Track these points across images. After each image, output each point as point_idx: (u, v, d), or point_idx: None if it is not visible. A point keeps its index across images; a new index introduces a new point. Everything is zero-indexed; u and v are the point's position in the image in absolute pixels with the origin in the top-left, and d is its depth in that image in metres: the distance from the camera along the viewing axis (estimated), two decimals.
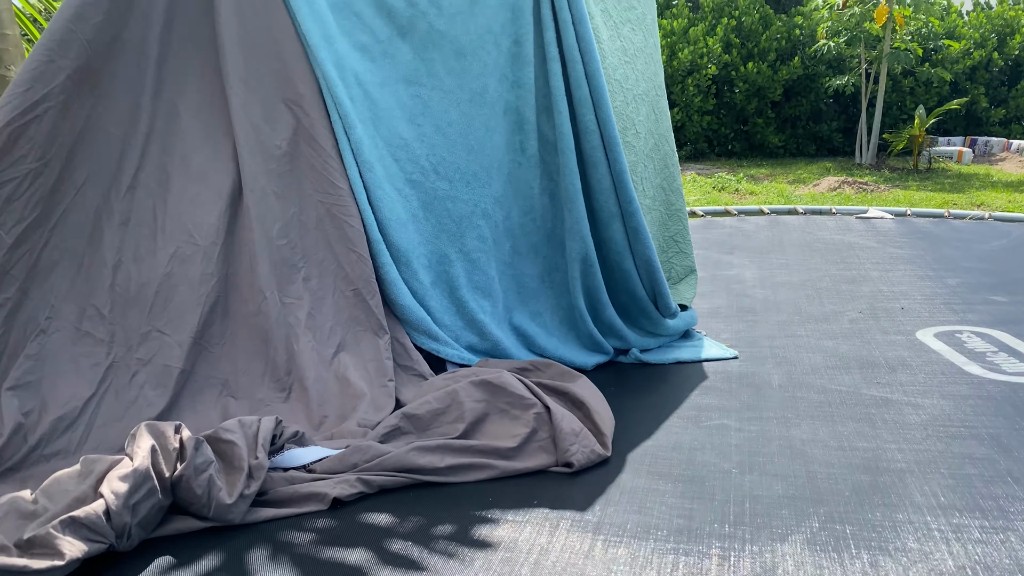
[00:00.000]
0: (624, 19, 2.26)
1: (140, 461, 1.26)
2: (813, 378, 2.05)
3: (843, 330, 2.45)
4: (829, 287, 2.96)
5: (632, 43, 2.27)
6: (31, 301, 1.66)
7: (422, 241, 2.00)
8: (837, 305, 2.73)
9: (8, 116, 1.57)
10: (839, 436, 1.70)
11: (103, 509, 1.20)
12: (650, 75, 2.37)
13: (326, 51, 1.86)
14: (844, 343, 2.32)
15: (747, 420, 1.79)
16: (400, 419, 1.60)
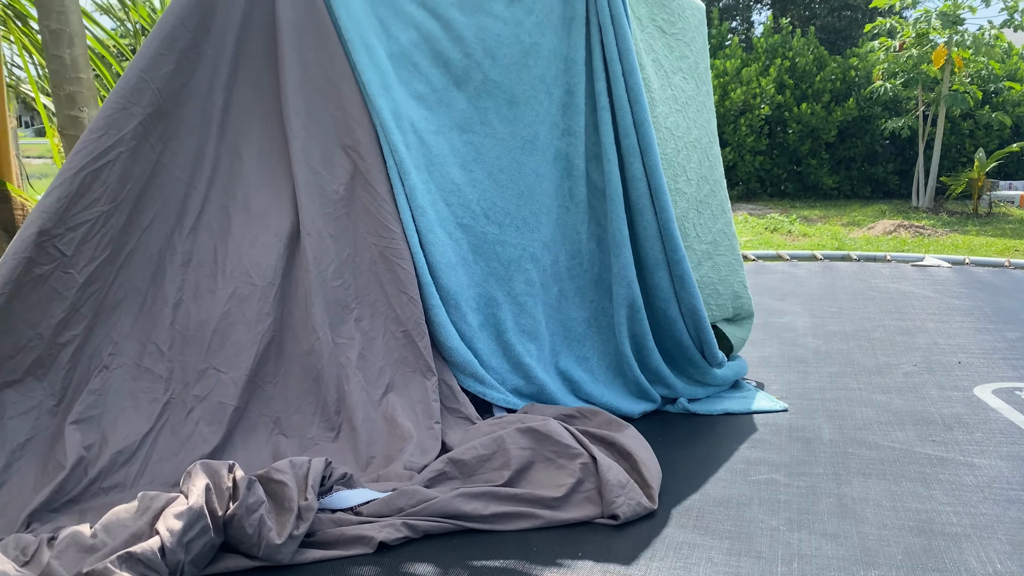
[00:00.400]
0: (676, 68, 2.28)
1: (195, 499, 1.30)
2: (865, 433, 2.01)
3: (897, 384, 2.40)
4: (883, 338, 2.91)
5: (683, 91, 2.29)
6: (96, 337, 1.72)
7: (471, 284, 2.02)
8: (891, 357, 2.67)
9: (83, 161, 1.64)
10: (892, 495, 1.66)
11: (158, 546, 1.23)
12: (702, 122, 2.39)
13: (384, 99, 1.91)
14: (898, 397, 2.28)
15: (797, 475, 1.77)
16: (446, 464, 1.61)
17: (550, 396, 2.07)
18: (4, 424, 1.56)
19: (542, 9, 2.01)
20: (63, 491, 1.54)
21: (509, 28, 2.00)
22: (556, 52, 2.04)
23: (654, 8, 2.25)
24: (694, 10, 2.39)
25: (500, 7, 2.00)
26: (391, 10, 1.97)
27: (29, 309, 1.60)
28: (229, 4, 1.89)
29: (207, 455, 1.72)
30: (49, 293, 1.62)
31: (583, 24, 2.04)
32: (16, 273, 1.56)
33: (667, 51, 2.26)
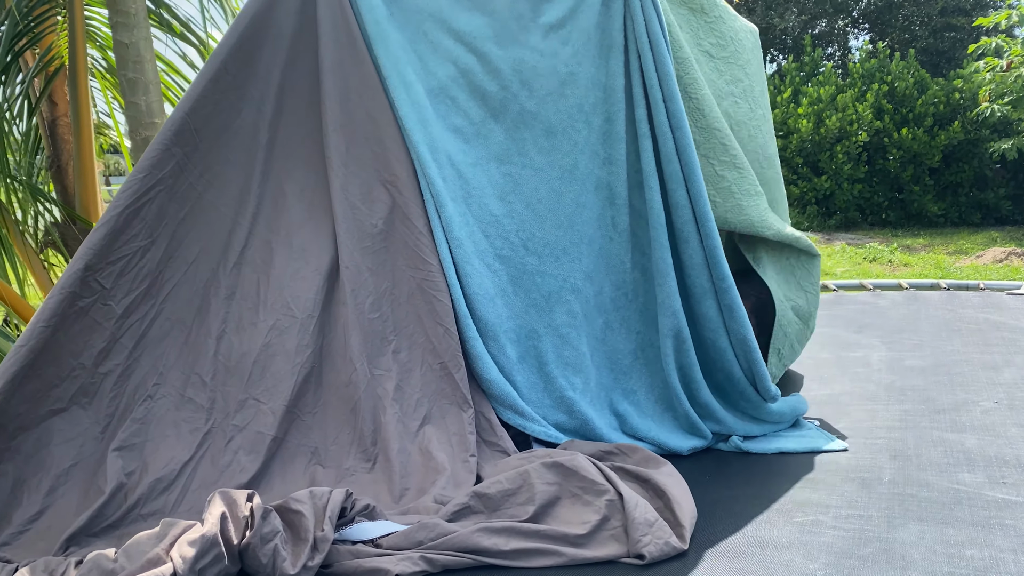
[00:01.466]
0: (726, 92, 2.23)
1: (209, 527, 1.32)
2: (929, 474, 1.87)
3: (973, 422, 2.23)
4: (965, 373, 2.72)
5: (732, 116, 2.22)
6: (142, 368, 1.79)
7: (510, 316, 2.01)
8: (971, 394, 2.50)
9: (128, 200, 1.73)
10: (947, 541, 1.54)
11: (171, 572, 1.26)
12: (755, 147, 2.31)
13: (420, 134, 1.94)
14: (972, 437, 2.12)
15: (845, 518, 1.66)
16: (471, 498, 1.59)
17: (594, 430, 2.02)
18: (50, 450, 1.64)
19: (578, 39, 2.01)
20: (102, 516, 1.60)
21: (546, 59, 2.00)
22: (594, 81, 2.03)
23: (700, 32, 2.21)
24: (747, 33, 2.33)
25: (536, 39, 2.01)
26: (430, 47, 2.01)
27: (72, 340, 1.68)
28: (275, 49, 1.96)
29: (244, 484, 1.76)
30: (90, 324, 1.71)
31: (622, 52, 2.02)
32: (61, 307, 1.64)
33: (715, 75, 2.21)
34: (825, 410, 2.44)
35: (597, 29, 2.02)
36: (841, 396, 2.56)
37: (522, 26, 2.00)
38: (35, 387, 1.63)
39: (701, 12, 2.21)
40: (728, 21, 2.26)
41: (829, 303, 3.96)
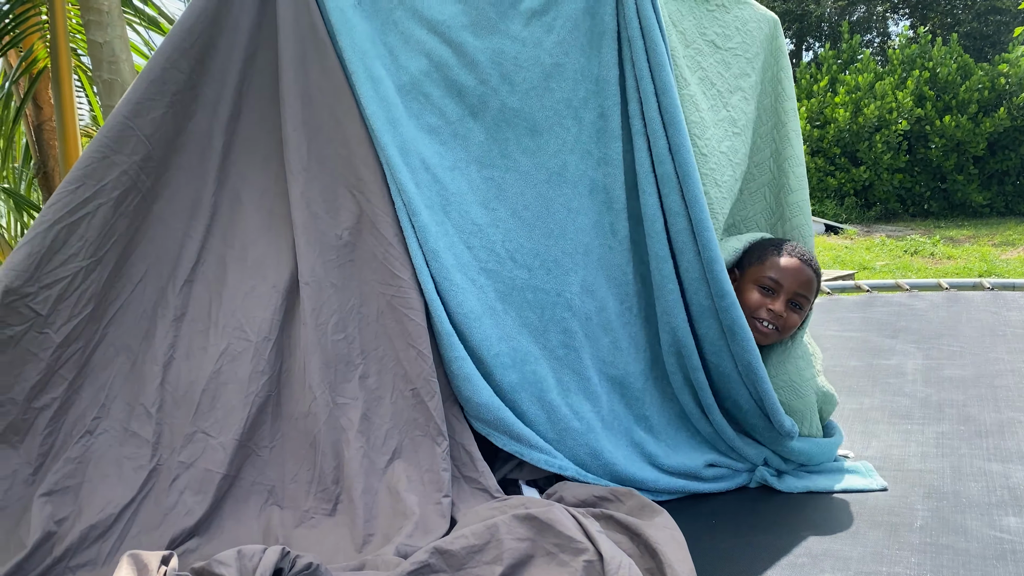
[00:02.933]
0: (734, 87, 1.98)
1: None
2: (968, 518, 1.63)
3: (1020, 448, 1.98)
4: (1010, 386, 2.46)
5: (744, 113, 1.98)
6: (82, 400, 1.62)
7: (501, 337, 1.79)
8: (1017, 411, 2.24)
9: (57, 215, 1.55)
10: None
11: None
12: (763, 145, 2.07)
13: (390, 135, 1.74)
14: (1020, 468, 1.87)
15: (866, 574, 1.43)
16: (431, 555, 1.39)
17: (610, 465, 1.79)
18: None
19: (563, 26, 1.79)
20: (22, 571, 1.42)
21: (528, 49, 1.79)
22: (584, 72, 1.81)
23: (704, 21, 1.97)
24: (760, 22, 2.08)
25: (517, 27, 1.79)
26: (400, 38, 1.81)
27: (0, 373, 1.51)
28: (231, 43, 1.78)
29: (190, 528, 1.58)
30: (22, 355, 1.54)
31: (614, 40, 1.80)
32: None
33: (722, 68, 1.97)
34: (854, 428, 2.20)
35: (586, 14, 1.80)
36: (871, 412, 2.33)
37: (501, 13, 1.79)
38: None
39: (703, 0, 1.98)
40: (733, 10, 2.02)
41: (862, 305, 3.69)
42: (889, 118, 13.69)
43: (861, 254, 10.99)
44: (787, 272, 1.87)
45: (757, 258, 1.92)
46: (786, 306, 1.88)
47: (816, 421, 1.93)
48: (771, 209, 2.08)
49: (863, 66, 14.66)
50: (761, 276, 1.89)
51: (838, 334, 3.24)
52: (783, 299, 1.88)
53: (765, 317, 1.88)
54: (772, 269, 1.88)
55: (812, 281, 1.90)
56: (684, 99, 1.84)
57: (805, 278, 1.88)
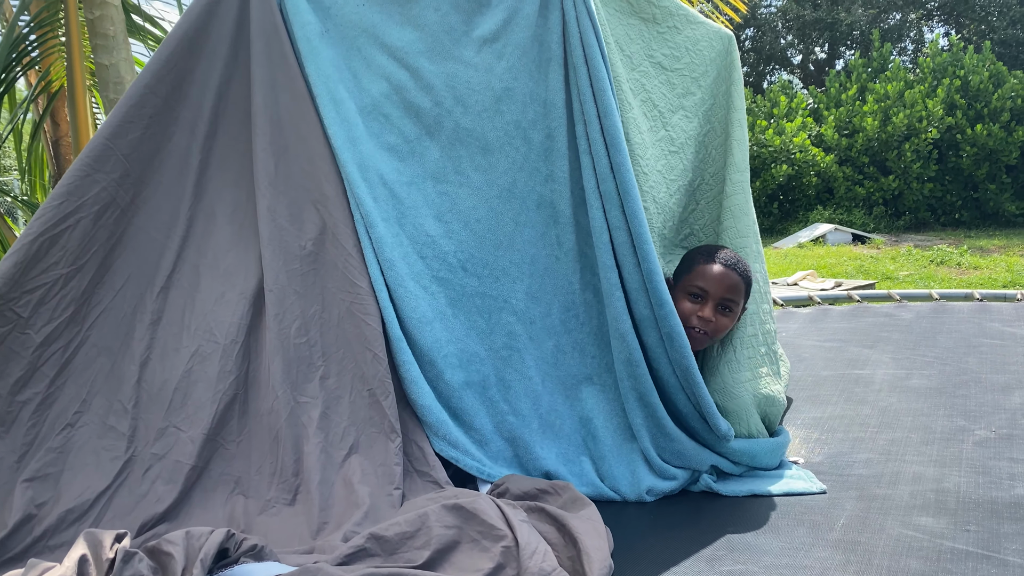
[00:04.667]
0: (676, 106, 2.09)
1: (63, 571, 1.28)
2: (889, 519, 1.71)
3: (961, 455, 2.05)
4: (971, 396, 2.52)
5: (684, 131, 2.09)
6: (65, 396, 1.78)
7: (451, 340, 1.93)
8: (970, 420, 2.30)
9: (41, 228, 1.72)
10: None
11: None
12: (699, 161, 2.18)
13: (349, 152, 1.88)
14: (953, 472, 1.94)
15: (777, 567, 1.52)
16: (367, 540, 1.52)
17: (537, 461, 1.93)
18: None
19: (513, 53, 1.92)
20: (4, 549, 1.58)
21: (480, 74, 1.92)
22: (533, 95, 1.93)
23: (653, 43, 2.08)
24: (711, 39, 2.19)
25: (470, 53, 1.92)
26: (364, 63, 1.95)
27: None
28: (208, 69, 1.93)
29: (160, 514, 1.72)
30: (6, 353, 1.70)
31: (561, 65, 1.92)
32: None
33: (666, 89, 2.08)
34: (810, 435, 2.28)
35: (534, 42, 1.92)
36: (830, 420, 2.40)
37: (454, 40, 1.92)
38: None
39: (653, 22, 2.09)
40: (684, 31, 2.13)
41: (848, 315, 3.75)
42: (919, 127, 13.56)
43: (886, 264, 10.89)
44: (713, 279, 1.98)
45: (686, 267, 2.03)
46: (715, 311, 1.98)
47: (755, 422, 2.01)
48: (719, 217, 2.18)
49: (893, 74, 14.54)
50: (690, 284, 2.00)
51: (819, 344, 3.31)
52: (711, 305, 1.98)
53: (696, 324, 1.98)
54: (699, 277, 1.99)
55: (739, 285, 1.99)
56: (627, 121, 1.95)
57: (731, 283, 1.98)
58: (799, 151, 14.51)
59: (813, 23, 18.55)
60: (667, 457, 1.97)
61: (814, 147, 14.68)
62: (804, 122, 15.00)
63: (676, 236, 2.19)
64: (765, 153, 14.77)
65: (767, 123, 15.26)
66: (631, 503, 1.91)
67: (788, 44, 20.74)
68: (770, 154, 14.64)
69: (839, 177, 14.50)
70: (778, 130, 14.92)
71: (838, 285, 8.70)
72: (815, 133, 15.03)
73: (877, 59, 15.48)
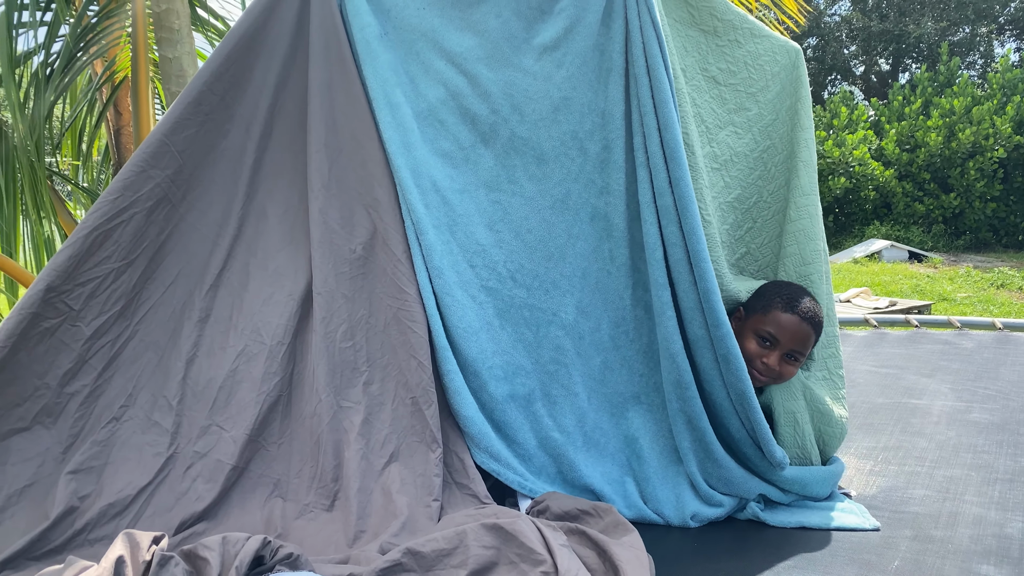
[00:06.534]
0: (725, 122, 2.03)
1: (100, 572, 1.28)
2: (947, 563, 1.63)
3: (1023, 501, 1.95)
4: None
5: (729, 148, 2.04)
6: (112, 389, 1.78)
7: (497, 351, 1.89)
8: None
9: (96, 222, 1.72)
10: None
11: None
12: (754, 179, 2.11)
13: (403, 158, 1.86)
14: (1017, 517, 1.85)
15: None
16: (403, 554, 1.49)
17: (582, 478, 1.88)
18: (6, 469, 1.65)
19: (573, 62, 1.87)
20: (46, 540, 1.59)
21: (538, 83, 1.88)
22: (591, 106, 1.89)
23: (710, 56, 2.02)
24: (775, 53, 2.12)
25: (529, 61, 1.88)
26: (421, 67, 1.92)
27: (36, 360, 1.69)
28: (266, 69, 1.93)
29: (199, 513, 1.72)
30: (56, 345, 1.71)
31: (622, 76, 1.87)
32: (21, 327, 1.65)
33: (716, 104, 2.02)
34: (863, 466, 2.20)
35: (595, 51, 1.88)
36: (885, 451, 2.31)
37: (514, 47, 1.89)
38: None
39: (714, 34, 2.03)
40: (746, 45, 2.06)
41: (906, 341, 3.62)
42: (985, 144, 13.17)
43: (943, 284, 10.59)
44: (786, 329, 1.91)
45: (762, 307, 1.96)
46: (780, 360, 1.92)
47: (808, 432, 1.94)
48: (742, 224, 2.12)
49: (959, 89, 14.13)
50: (761, 327, 1.94)
51: (874, 370, 3.20)
52: (779, 354, 1.92)
53: (759, 367, 1.92)
54: (772, 324, 1.92)
55: (810, 337, 1.93)
56: (686, 136, 1.89)
57: (803, 336, 1.92)
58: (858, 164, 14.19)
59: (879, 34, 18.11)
60: (713, 483, 1.92)
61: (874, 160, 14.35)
62: (865, 135, 14.67)
63: (731, 255, 2.12)
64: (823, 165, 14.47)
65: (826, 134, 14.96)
66: (674, 528, 1.85)
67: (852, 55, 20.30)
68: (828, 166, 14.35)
69: (898, 192, 14.15)
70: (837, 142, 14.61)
71: (892, 304, 8.47)
72: (875, 146, 14.68)
73: (944, 73, 15.07)
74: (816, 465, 2.00)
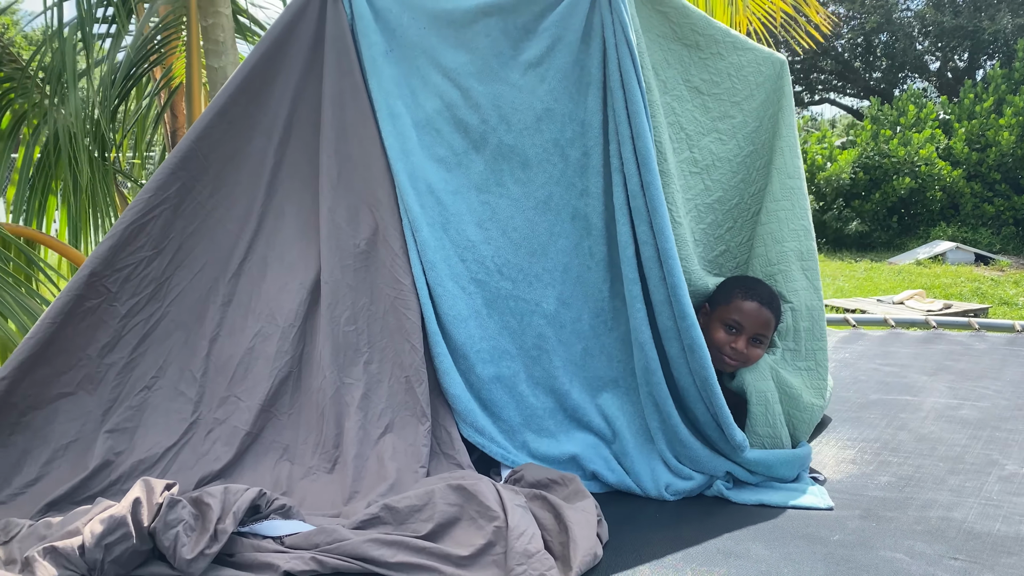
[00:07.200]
0: (709, 129, 2.19)
1: (118, 510, 1.53)
2: (883, 540, 1.76)
3: (980, 488, 2.06)
4: (1016, 430, 2.48)
5: (711, 153, 2.20)
6: (145, 362, 2.05)
7: (484, 337, 2.10)
8: (1004, 455, 2.28)
9: (132, 217, 1.99)
10: None
11: (79, 544, 1.47)
12: (736, 182, 2.27)
13: (402, 162, 2.08)
14: (967, 504, 1.96)
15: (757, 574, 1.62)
16: (381, 509, 1.71)
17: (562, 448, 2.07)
18: (54, 427, 1.93)
19: (555, 76, 2.06)
20: (85, 488, 1.86)
21: (523, 95, 2.07)
22: (571, 116, 2.07)
23: (692, 68, 2.18)
24: (760, 64, 2.27)
25: (515, 76, 2.08)
26: (421, 81, 2.14)
27: (80, 334, 1.96)
28: (285, 83, 2.17)
29: (216, 472, 1.97)
30: (96, 322, 1.98)
31: (600, 89, 2.05)
32: (68, 306, 1.93)
33: (699, 112, 2.18)
34: (843, 455, 2.32)
35: (575, 66, 2.06)
36: (865, 443, 2.43)
37: (502, 63, 2.08)
38: (45, 373, 1.93)
39: (696, 48, 2.19)
40: (729, 57, 2.22)
41: (920, 341, 3.68)
42: None
43: (1007, 288, 10.33)
44: (748, 315, 2.13)
45: (725, 297, 2.16)
46: (747, 343, 2.12)
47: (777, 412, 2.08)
48: (722, 223, 2.28)
49: None
50: (727, 316, 2.16)
51: (878, 367, 3.29)
52: (745, 338, 2.14)
53: (728, 353, 2.12)
54: (736, 311, 2.14)
55: (771, 321, 2.17)
56: (659, 144, 2.06)
57: (764, 320, 2.14)
58: (924, 164, 13.87)
59: (953, 30, 17.61)
60: (683, 461, 2.08)
61: (941, 160, 14.00)
62: (932, 133, 14.32)
63: (708, 252, 2.28)
64: (887, 164, 14.19)
65: (891, 133, 14.65)
66: (638, 499, 2.02)
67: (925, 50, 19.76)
68: (892, 165, 14.06)
69: (966, 193, 13.78)
70: (903, 140, 14.30)
71: (947, 307, 8.35)
72: (943, 145, 14.32)
73: (1020, 70, 14.59)
74: (786, 447, 2.14)
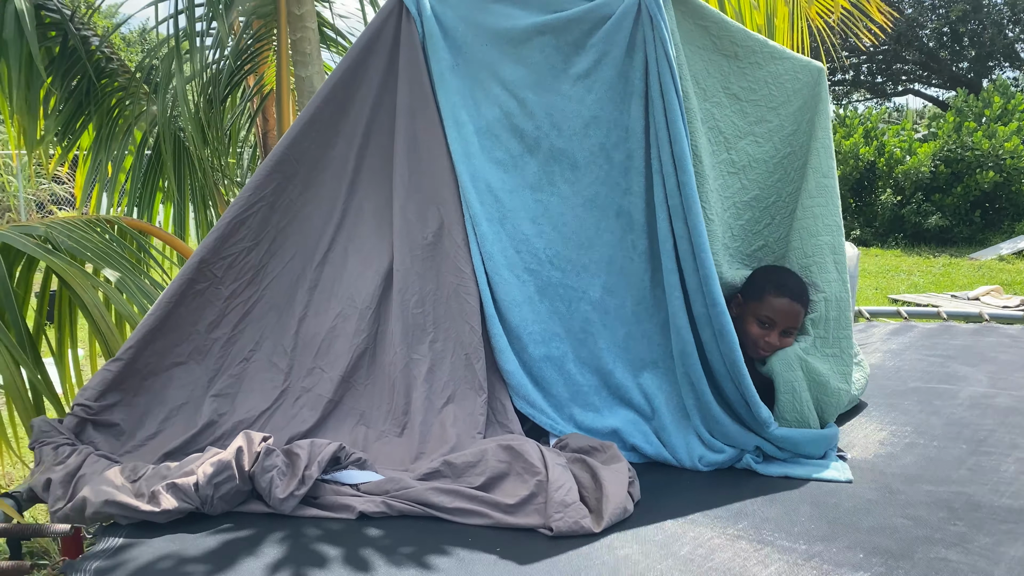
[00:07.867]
0: (745, 132, 2.40)
1: (225, 455, 1.85)
2: (893, 510, 1.94)
3: (997, 468, 2.20)
4: None
5: (748, 155, 2.40)
6: (244, 338, 2.38)
7: (536, 320, 2.36)
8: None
9: (234, 213, 2.32)
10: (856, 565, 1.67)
11: (194, 482, 1.80)
12: (772, 182, 2.47)
13: (464, 165, 2.35)
14: (980, 482, 2.10)
15: (766, 531, 1.83)
16: (441, 464, 2.00)
17: (606, 422, 2.32)
18: (169, 391, 2.27)
19: (601, 87, 2.30)
20: (194, 442, 2.20)
21: (572, 104, 2.32)
22: (616, 122, 2.31)
23: (731, 77, 2.39)
24: (797, 72, 2.46)
25: (566, 87, 2.32)
26: (483, 92, 2.41)
27: (191, 312, 2.30)
28: (365, 95, 2.46)
29: (303, 433, 2.28)
30: (204, 302, 2.32)
31: (642, 98, 2.28)
32: (181, 289, 2.27)
33: (737, 117, 2.38)
34: (872, 437, 2.48)
35: (620, 78, 2.29)
36: (896, 427, 2.58)
37: (554, 76, 2.33)
38: (162, 345, 2.27)
39: (735, 58, 2.39)
40: (767, 66, 2.42)
41: (970, 333, 3.77)
42: None
43: None
44: (779, 311, 2.34)
45: (757, 294, 2.37)
46: (779, 336, 2.32)
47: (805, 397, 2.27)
48: (760, 220, 2.49)
49: None
50: (759, 313, 2.37)
51: (923, 358, 3.40)
52: (777, 332, 2.35)
53: (762, 346, 2.34)
54: (768, 308, 2.35)
55: (800, 313, 2.36)
56: (695, 147, 2.28)
57: (795, 314, 2.35)
58: (1010, 157, 13.45)
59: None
60: (716, 436, 2.30)
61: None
62: (1020, 126, 13.87)
63: (747, 247, 2.48)
64: (971, 157, 13.82)
65: (975, 125, 14.24)
66: (686, 471, 2.24)
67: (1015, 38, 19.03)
68: (976, 158, 13.68)
69: None
70: (988, 133, 13.89)
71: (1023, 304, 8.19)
72: None
73: None
74: (814, 428, 2.33)
